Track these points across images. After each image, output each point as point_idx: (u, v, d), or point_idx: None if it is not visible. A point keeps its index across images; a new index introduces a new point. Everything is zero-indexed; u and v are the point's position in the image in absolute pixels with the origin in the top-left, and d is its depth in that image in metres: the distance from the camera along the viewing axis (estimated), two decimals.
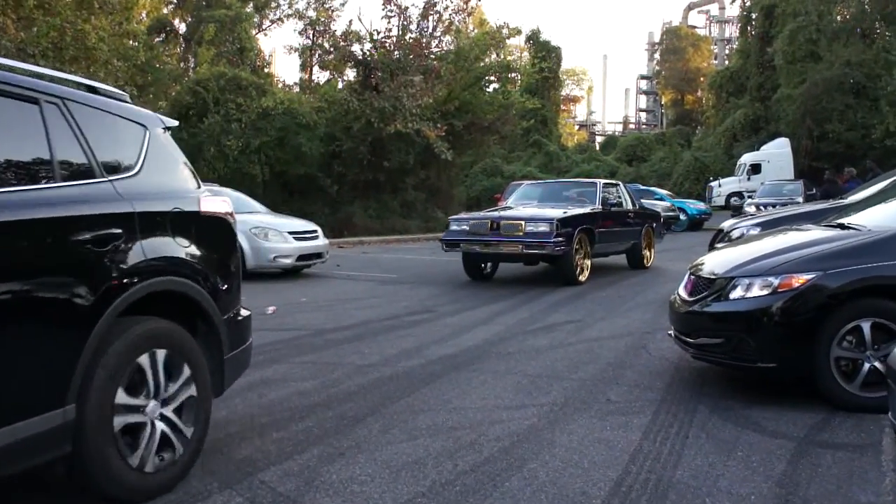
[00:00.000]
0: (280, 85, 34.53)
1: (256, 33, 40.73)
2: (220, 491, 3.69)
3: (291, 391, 5.58)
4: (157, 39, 33.39)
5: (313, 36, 33.06)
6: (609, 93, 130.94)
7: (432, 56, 28.32)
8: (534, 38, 52.11)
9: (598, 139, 76.76)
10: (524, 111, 35.01)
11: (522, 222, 11.61)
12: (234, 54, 34.79)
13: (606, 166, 47.94)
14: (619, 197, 13.91)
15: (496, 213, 12.51)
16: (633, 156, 50.15)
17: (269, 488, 3.72)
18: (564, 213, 11.82)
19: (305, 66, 38.98)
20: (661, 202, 27.03)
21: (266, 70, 38.45)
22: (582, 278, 11.88)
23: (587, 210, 12.58)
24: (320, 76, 35.90)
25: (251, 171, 24.05)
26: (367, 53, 27.29)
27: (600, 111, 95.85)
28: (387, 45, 27.18)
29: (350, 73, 29.68)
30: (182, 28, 39.94)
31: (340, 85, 30.64)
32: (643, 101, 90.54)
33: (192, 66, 34.22)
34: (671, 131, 56.13)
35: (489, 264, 13.06)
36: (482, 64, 30.26)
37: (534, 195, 14.25)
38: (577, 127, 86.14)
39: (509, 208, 13.37)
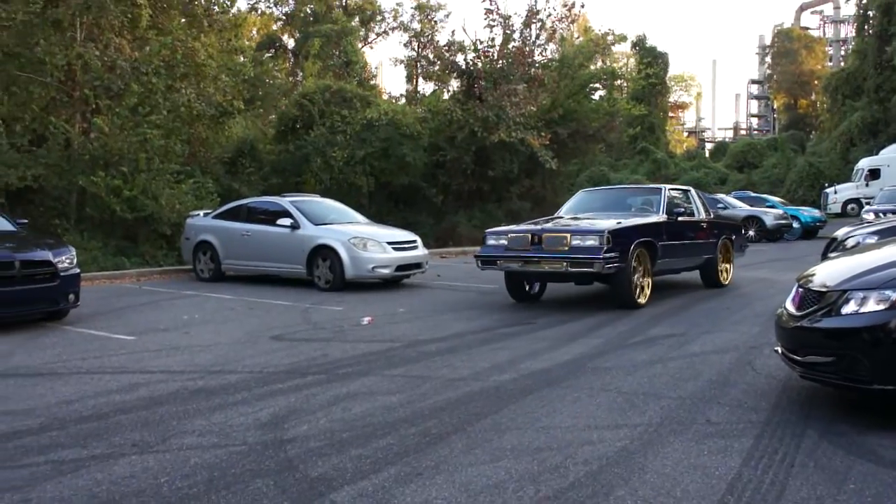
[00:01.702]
0: (386, 97, 34.86)
1: (362, 46, 41.30)
2: None
3: (377, 405, 5.45)
4: (266, 55, 34.11)
5: (418, 47, 33.23)
6: (719, 98, 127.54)
7: (536, 64, 28.02)
8: (640, 45, 51.22)
9: (708, 146, 74.84)
10: (630, 118, 34.44)
11: (567, 235, 9.96)
12: (339, 67, 35.29)
13: (716, 173, 46.65)
14: (690, 204, 12.26)
15: (538, 226, 10.70)
16: (743, 162, 48.57)
17: None
18: (618, 223, 10.20)
19: (411, 78, 39.27)
20: (773, 210, 26.14)
21: (372, 82, 38.90)
22: (642, 300, 10.27)
23: (647, 220, 10.91)
24: (425, 87, 36.07)
25: (356, 182, 24.24)
26: (471, 63, 27.20)
27: (709, 117, 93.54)
28: (490, 54, 27.02)
29: (454, 83, 29.66)
30: (291, 44, 40.77)
31: (445, 95, 30.68)
32: (754, 107, 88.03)
33: (300, 81, 34.83)
34: (784, 136, 54.13)
35: (537, 284, 11.62)
36: (587, 71, 29.80)
37: (591, 204, 12.53)
38: (685, 134, 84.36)
39: (558, 219, 11.71)
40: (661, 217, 11.12)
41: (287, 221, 13.59)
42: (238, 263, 14.55)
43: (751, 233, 24.77)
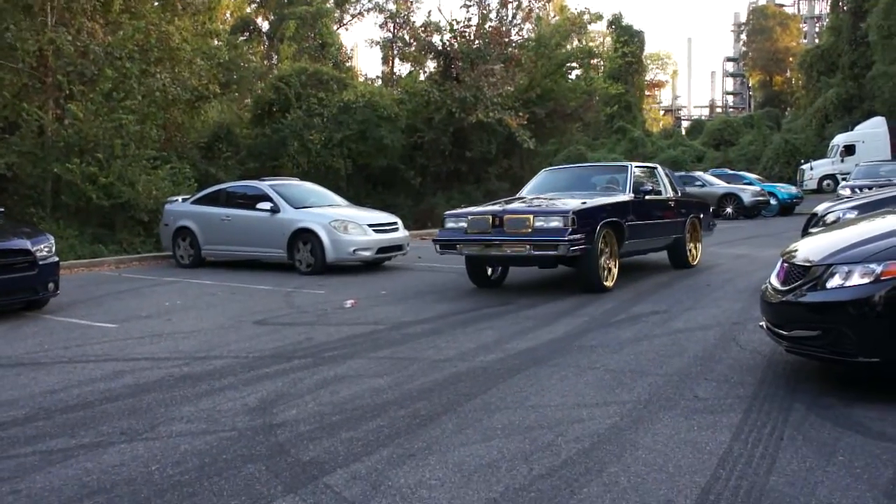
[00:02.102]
0: (362, 78, 34.70)
1: (337, 28, 40.98)
2: (284, 495, 3.56)
3: (365, 388, 5.43)
4: (241, 38, 33.80)
5: (393, 28, 33.01)
6: (694, 76, 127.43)
7: (512, 44, 27.98)
8: (616, 23, 51.16)
9: (684, 124, 75.01)
10: (607, 97, 34.45)
11: (530, 216, 9.39)
12: (315, 50, 35.03)
13: (693, 151, 46.80)
14: (657, 183, 11.77)
15: (500, 207, 10.01)
16: (720, 140, 48.72)
17: (334, 493, 3.57)
18: (583, 203, 9.62)
19: (387, 59, 39.06)
20: (750, 187, 26.28)
21: (348, 64, 38.68)
22: (609, 283, 9.81)
23: (613, 200, 10.35)
24: (401, 68, 35.91)
25: (334, 165, 24.15)
26: (447, 44, 27.11)
27: (685, 95, 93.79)
28: (466, 34, 26.94)
29: (431, 65, 29.57)
30: (265, 26, 40.41)
31: (421, 76, 30.56)
32: (730, 84, 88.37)
33: (275, 64, 34.56)
34: (759, 114, 54.26)
35: (499, 268, 11.06)
36: (563, 50, 29.78)
37: (555, 184, 11.88)
38: (662, 112, 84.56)
39: (520, 200, 11.05)
40: (627, 196, 10.60)
41: (267, 205, 13.50)
42: (218, 249, 14.46)
43: (728, 210, 24.94)
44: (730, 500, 3.40)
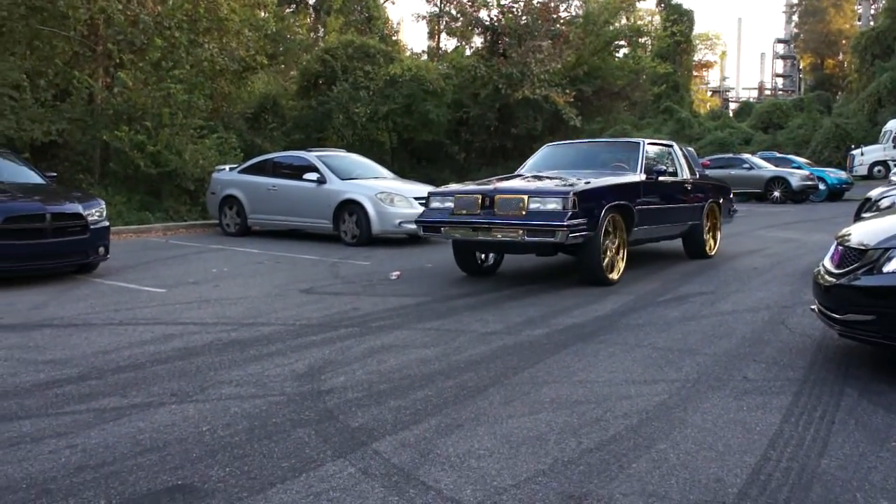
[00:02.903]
0: (408, 53, 34.57)
1: (384, 2, 40.82)
2: (333, 459, 3.58)
3: (412, 358, 5.45)
4: (288, 10, 33.84)
5: (440, 3, 32.83)
6: (744, 58, 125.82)
7: (561, 21, 27.70)
8: (665, 2, 50.52)
9: (732, 106, 73.96)
10: (655, 77, 33.99)
11: (525, 197, 8.23)
12: (362, 23, 34.99)
13: (740, 133, 46.15)
14: (673, 163, 10.71)
15: (490, 186, 8.82)
16: (768, 123, 47.99)
17: (383, 459, 3.59)
18: (587, 183, 8.58)
19: (433, 34, 38.86)
20: (799, 171, 25.89)
21: (394, 38, 38.56)
22: (614, 275, 8.74)
23: (622, 180, 9.23)
24: (447, 43, 35.71)
25: (379, 138, 24.18)
26: (495, 19, 26.92)
27: (734, 77, 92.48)
28: (514, 10, 26.72)
29: (477, 40, 29.41)
30: None
31: (468, 52, 30.40)
32: (780, 66, 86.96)
33: (322, 36, 34.57)
34: (810, 97, 53.29)
35: (492, 255, 9.92)
36: (612, 28, 29.44)
37: (559, 160, 10.78)
38: (709, 93, 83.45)
39: (516, 177, 9.90)
40: (638, 176, 9.49)
41: (313, 176, 13.54)
42: (264, 218, 14.56)
43: (776, 193, 24.60)
44: (781, 481, 3.36)
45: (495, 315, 7.05)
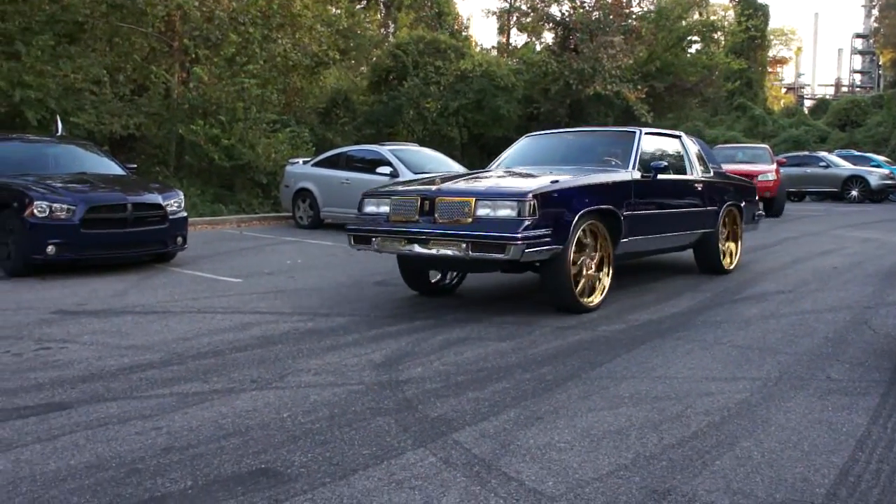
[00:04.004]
0: (478, 49, 34.56)
1: None
2: (414, 448, 3.59)
3: (489, 350, 5.45)
4: (358, 6, 34.11)
5: None
6: (820, 53, 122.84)
7: (633, 16, 27.42)
8: None
9: (808, 103, 72.29)
10: (729, 73, 33.45)
11: (471, 200, 6.38)
12: (432, 19, 35.08)
13: (816, 131, 45.02)
14: (679, 158, 8.92)
15: (433, 186, 6.88)
16: (846, 120, 46.68)
17: (464, 449, 3.58)
18: (553, 182, 6.66)
19: (503, 29, 38.78)
20: (878, 169, 25.22)
21: (464, 34, 38.57)
22: (592, 300, 6.92)
23: (604, 179, 7.33)
24: (517, 39, 35.62)
25: (449, 134, 24.24)
26: (566, 14, 26.77)
27: (809, 73, 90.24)
28: (586, 5, 26.54)
29: (548, 35, 29.28)
30: None
31: (538, 47, 30.29)
32: (858, 62, 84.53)
33: (392, 32, 34.78)
34: (890, 94, 51.61)
35: (452, 273, 8.02)
36: (684, 23, 29.08)
37: (539, 154, 8.90)
38: (784, 90, 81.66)
39: (474, 175, 8.12)
40: (629, 174, 7.63)
41: (386, 170, 13.60)
42: (337, 211, 14.67)
43: (854, 193, 24.00)
44: (870, 482, 3.27)
45: None
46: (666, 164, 8.03)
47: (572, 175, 7.24)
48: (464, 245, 6.22)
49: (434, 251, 6.46)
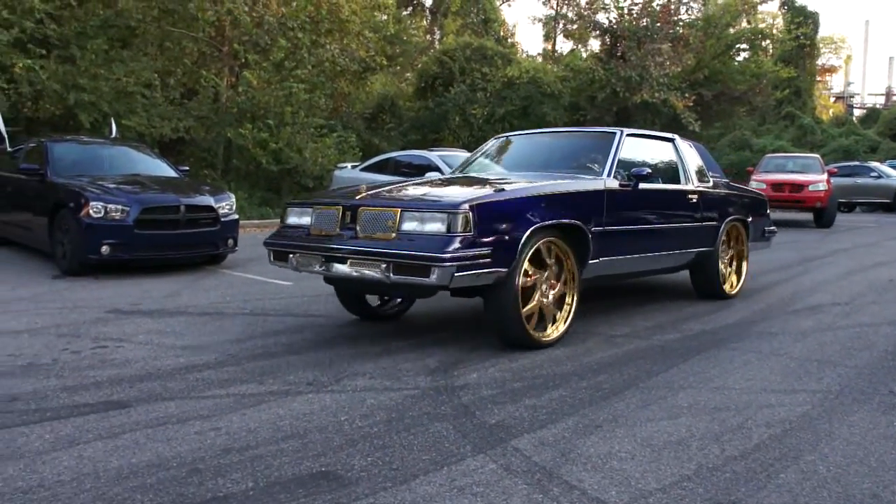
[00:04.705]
0: (523, 55, 34.55)
1: (500, 4, 40.87)
2: (473, 455, 3.56)
3: (543, 358, 5.41)
4: (404, 13, 34.26)
5: (557, 5, 32.72)
6: (870, 62, 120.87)
7: (680, 23, 27.24)
8: (789, 3, 48.96)
9: (857, 112, 71.15)
10: (777, 81, 33.07)
11: (397, 212, 5.31)
12: (478, 25, 35.14)
13: (866, 141, 44.27)
14: (674, 164, 7.72)
15: (357, 196, 5.73)
16: None
17: (524, 456, 3.55)
18: (496, 191, 5.59)
19: (549, 36, 38.75)
20: None
21: (510, 41, 38.58)
22: (550, 334, 5.79)
23: (569, 187, 6.13)
24: (563, 46, 35.57)
25: None
26: (613, 21, 26.67)
27: (859, 82, 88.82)
28: (633, 12, 26.42)
29: (594, 43, 29.21)
30: (428, 1, 40.82)
31: (584, 54, 30.21)
32: None
33: (438, 39, 34.90)
34: None
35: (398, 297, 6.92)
36: (732, 31, 28.85)
37: (506, 159, 7.85)
38: (832, 99, 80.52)
39: (408, 183, 6.76)
40: (602, 182, 6.40)
41: (435, 175, 13.56)
42: None
43: None
44: None
45: (622, 318, 6.97)
46: (649, 171, 6.65)
47: (527, 183, 6.09)
48: (383, 265, 5.16)
49: (353, 271, 5.42)
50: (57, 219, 9.31)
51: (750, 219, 8.61)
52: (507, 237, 5.31)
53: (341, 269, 5.49)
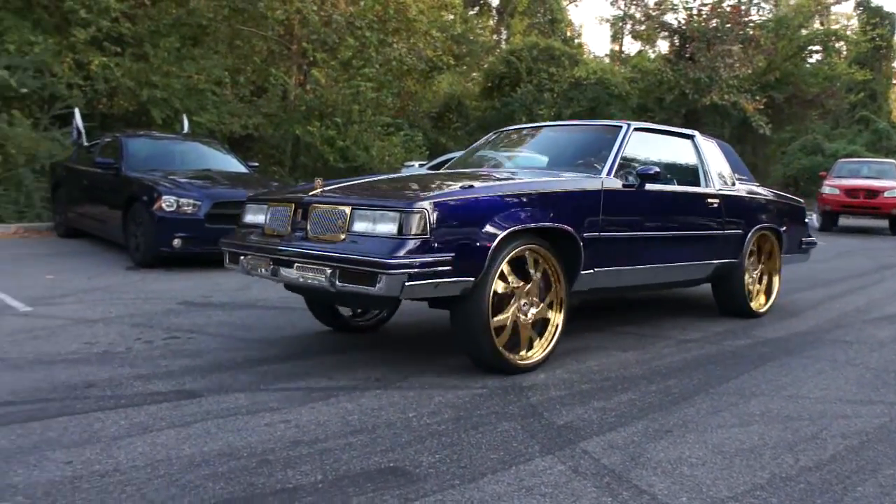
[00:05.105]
0: (590, 56, 34.36)
1: (567, 4, 40.70)
2: (542, 455, 3.54)
3: (612, 360, 5.37)
4: (471, 13, 34.29)
5: (625, 6, 32.42)
6: None
7: (751, 24, 26.76)
8: (864, 4, 47.78)
9: None
10: (851, 84, 32.31)
11: (347, 209, 4.63)
12: (545, 25, 35.03)
13: None
14: (692, 164, 6.86)
15: (310, 192, 5.04)
16: None
17: (593, 459, 3.52)
18: (463, 187, 4.80)
19: (616, 37, 38.47)
20: None
21: (576, 41, 38.38)
22: (530, 356, 5.05)
23: (556, 188, 5.25)
24: (630, 47, 35.26)
25: None
26: (682, 23, 26.31)
27: None
28: (702, 13, 26.02)
29: (662, 44, 28.89)
30: (495, 1, 40.80)
31: (652, 55, 29.90)
32: None
33: (504, 39, 34.85)
34: None
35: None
36: (805, 32, 28.28)
37: (504, 154, 7.01)
38: None
39: (374, 179, 6.20)
40: (600, 181, 5.57)
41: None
42: None
43: None
44: None
45: (692, 322, 6.89)
46: (657, 170, 5.74)
47: (502, 180, 5.44)
48: (328, 271, 4.49)
49: (298, 277, 4.74)
50: (131, 212, 9.51)
51: (783, 228, 7.63)
52: (474, 242, 4.55)
53: (289, 273, 4.80)
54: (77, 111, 13.10)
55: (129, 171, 10.12)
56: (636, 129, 6.25)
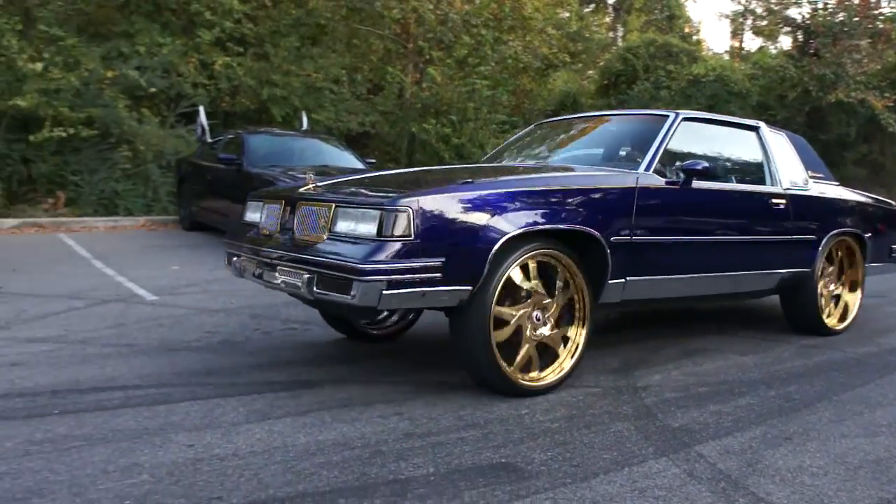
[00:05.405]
0: (709, 53, 33.54)
1: (685, 1, 39.87)
2: (656, 458, 3.49)
3: (729, 364, 5.25)
4: (587, 10, 33.96)
5: (746, 1, 31.52)
6: None
7: (881, 17, 25.58)
8: None
9: None
10: None
11: (331, 207, 4.14)
12: (662, 21, 34.41)
13: None
14: (757, 159, 6.04)
15: (299, 190, 4.56)
16: None
17: (709, 463, 3.45)
18: (465, 183, 4.27)
19: (736, 33, 37.43)
20: None
21: (695, 38, 37.54)
22: (543, 378, 4.43)
23: (576, 184, 4.59)
24: (751, 43, 34.30)
25: None
26: (806, 17, 25.36)
27: None
28: (828, 7, 25.00)
29: (785, 39, 27.94)
30: None
31: (774, 51, 28.97)
32: None
33: (620, 36, 34.39)
34: None
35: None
36: None
37: (542, 147, 6.29)
38: None
39: (376, 174, 5.36)
40: (634, 177, 4.85)
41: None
42: None
43: None
44: None
45: None
46: (706, 165, 4.98)
47: (519, 175, 4.89)
48: (306, 276, 4.01)
49: (281, 282, 4.25)
50: None
51: (868, 234, 6.66)
52: (471, 245, 3.98)
53: (274, 277, 4.31)
54: (201, 109, 13.58)
55: (251, 166, 10.42)
56: (686, 119, 5.49)
